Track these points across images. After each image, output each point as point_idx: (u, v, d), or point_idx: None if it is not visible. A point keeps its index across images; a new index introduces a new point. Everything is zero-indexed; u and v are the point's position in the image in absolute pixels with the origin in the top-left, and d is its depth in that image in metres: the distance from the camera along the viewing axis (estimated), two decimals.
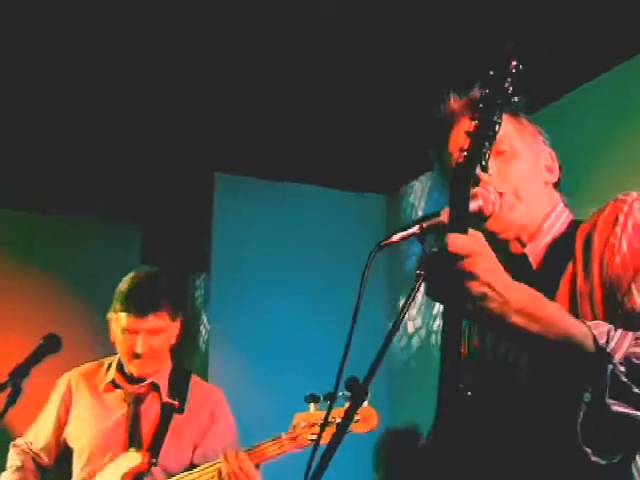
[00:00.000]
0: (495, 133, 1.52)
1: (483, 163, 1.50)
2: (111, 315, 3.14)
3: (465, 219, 1.44)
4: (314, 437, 2.79)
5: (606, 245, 1.65)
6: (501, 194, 1.71)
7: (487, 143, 1.51)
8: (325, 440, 1.57)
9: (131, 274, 3.15)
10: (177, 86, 4.22)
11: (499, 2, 3.38)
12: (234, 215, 5.29)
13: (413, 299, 1.54)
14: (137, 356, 3.07)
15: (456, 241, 1.38)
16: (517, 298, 1.41)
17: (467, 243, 1.38)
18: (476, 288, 1.37)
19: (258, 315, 5.13)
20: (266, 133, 4.72)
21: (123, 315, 3.05)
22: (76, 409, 3.22)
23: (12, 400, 2.80)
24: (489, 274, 1.38)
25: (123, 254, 5.65)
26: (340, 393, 2.58)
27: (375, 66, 3.97)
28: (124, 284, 3.12)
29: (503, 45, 1.55)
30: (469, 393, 1.44)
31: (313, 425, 2.83)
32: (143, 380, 3.18)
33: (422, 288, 1.54)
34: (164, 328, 3.09)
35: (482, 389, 1.66)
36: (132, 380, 3.18)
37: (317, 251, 5.34)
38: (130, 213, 5.84)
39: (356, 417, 2.68)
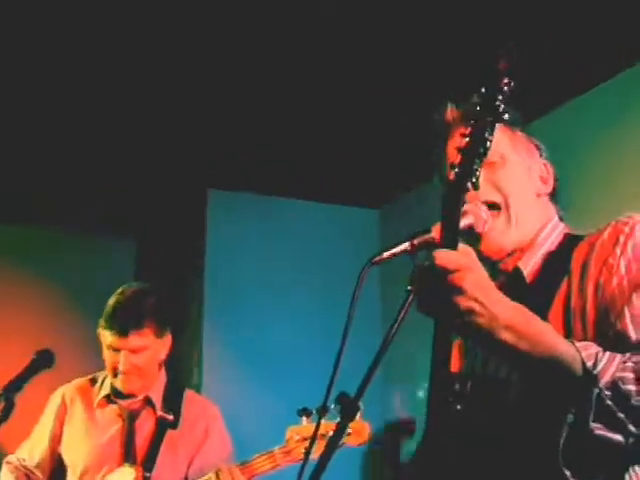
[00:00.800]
0: (486, 150, 1.53)
1: (474, 180, 1.51)
2: (99, 330, 3.14)
3: (455, 235, 1.45)
4: (307, 451, 2.79)
5: (604, 265, 1.64)
6: (494, 214, 1.73)
7: (478, 160, 1.52)
8: (316, 454, 1.58)
9: (118, 291, 3.15)
10: (171, 104, 4.23)
11: (495, 13, 3.40)
12: (227, 230, 5.30)
13: (404, 315, 1.55)
14: (120, 373, 3.07)
15: (443, 256, 1.38)
16: (506, 314, 1.40)
17: (455, 258, 1.38)
18: (464, 303, 1.37)
19: (251, 328, 5.14)
20: (258, 148, 4.73)
21: (107, 332, 3.05)
22: (70, 424, 3.21)
23: (5, 416, 2.80)
24: (477, 289, 1.38)
25: (117, 267, 5.66)
26: (332, 406, 2.60)
27: (367, 79, 3.98)
28: (110, 301, 3.12)
29: (495, 61, 1.56)
30: (458, 407, 1.45)
31: (306, 439, 2.83)
32: (136, 395, 3.18)
33: (412, 304, 1.56)
34: (147, 346, 3.08)
35: (471, 403, 1.67)
36: (125, 395, 3.18)
37: (310, 265, 5.35)
38: (125, 227, 5.85)
39: (348, 430, 2.68)
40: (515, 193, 1.79)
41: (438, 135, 1.91)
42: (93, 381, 3.28)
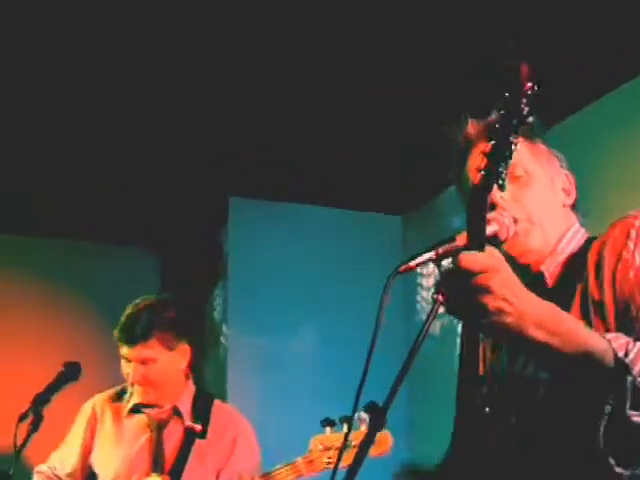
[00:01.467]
0: (511, 153, 1.53)
1: (500, 182, 1.51)
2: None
3: (482, 238, 1.46)
4: (330, 461, 2.80)
5: (618, 260, 1.66)
6: (516, 220, 1.74)
7: (503, 163, 1.52)
8: (343, 464, 1.58)
9: (134, 302, 3.20)
10: (191, 114, 4.26)
11: (508, 22, 3.40)
12: (249, 237, 5.31)
13: (431, 323, 1.55)
14: (133, 384, 3.13)
15: (468, 257, 1.39)
16: (535, 312, 1.41)
17: (480, 259, 1.39)
18: (492, 303, 1.37)
19: (274, 336, 5.15)
20: (279, 156, 4.75)
21: (120, 344, 3.12)
22: (101, 435, 3.23)
23: (35, 428, 2.84)
24: (505, 288, 1.38)
25: (142, 278, 5.70)
26: (356, 415, 2.60)
27: (392, 85, 3.98)
28: (125, 312, 3.18)
29: (517, 66, 1.56)
30: (487, 410, 1.45)
31: (329, 449, 2.82)
32: (159, 405, 3.20)
33: (440, 311, 1.56)
34: (155, 358, 3.11)
35: (500, 405, 1.67)
36: (154, 405, 3.20)
37: (333, 272, 5.35)
38: (148, 237, 5.89)
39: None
40: (540, 210, 1.81)
41: (459, 149, 1.92)
42: (122, 392, 3.30)
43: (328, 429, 2.82)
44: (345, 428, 2.59)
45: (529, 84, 1.55)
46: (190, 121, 4.37)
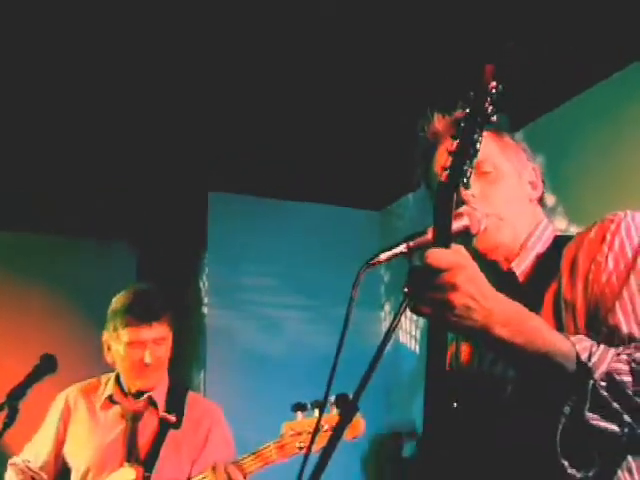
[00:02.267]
0: (476, 151, 1.55)
1: (465, 180, 1.53)
2: (109, 335, 3.15)
3: (448, 236, 1.48)
4: (302, 445, 2.80)
5: (592, 262, 1.67)
6: (487, 215, 1.74)
7: (468, 161, 1.54)
8: (316, 448, 1.59)
9: (124, 292, 3.18)
10: (170, 107, 4.26)
11: (488, 15, 3.42)
12: (227, 232, 5.32)
13: (401, 315, 1.57)
14: (146, 367, 3.09)
15: (435, 254, 1.40)
16: (500, 309, 1.43)
17: (447, 256, 1.40)
18: (458, 300, 1.39)
19: (252, 330, 5.17)
20: (258, 150, 4.75)
21: (125, 330, 3.07)
22: (74, 426, 3.23)
23: (10, 421, 2.82)
24: (471, 285, 1.40)
25: (118, 271, 5.69)
26: (328, 400, 2.60)
27: (367, 81, 4.00)
28: (119, 302, 3.14)
29: (483, 63, 1.58)
30: (455, 405, 1.47)
31: (300, 433, 2.82)
32: (141, 395, 3.19)
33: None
34: (166, 337, 3.15)
35: (467, 401, 1.68)
36: (130, 395, 3.20)
37: (311, 267, 5.37)
38: (125, 231, 5.88)
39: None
40: (509, 207, 1.82)
41: (426, 145, 1.93)
42: (98, 383, 3.30)
43: (299, 414, 2.82)
44: (316, 413, 2.60)
45: (493, 83, 1.57)
46: (170, 118, 4.37)
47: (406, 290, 1.48)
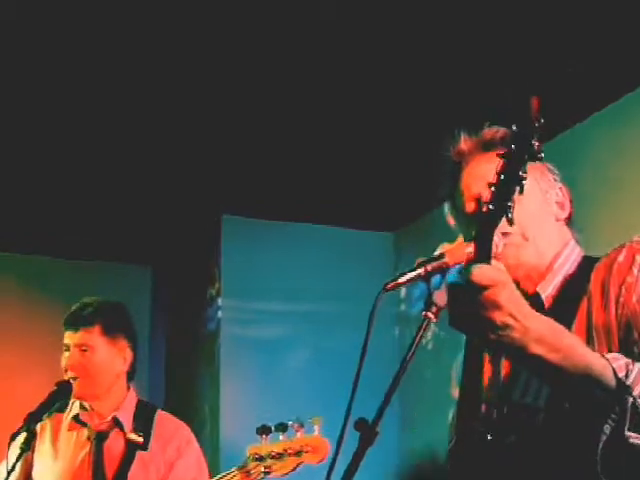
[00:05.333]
0: (522, 188, 1.49)
1: (510, 216, 1.48)
2: None
3: (488, 257, 1.46)
4: (267, 470, 2.72)
5: (622, 285, 1.66)
6: (505, 234, 1.72)
7: (511, 197, 1.49)
8: (277, 473, 1.56)
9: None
10: (183, 131, 4.28)
11: (500, 36, 3.43)
12: (242, 256, 5.32)
13: (420, 340, 1.57)
14: (65, 373, 3.10)
15: (480, 271, 1.40)
16: (537, 327, 1.43)
17: (490, 273, 1.40)
18: (499, 318, 1.39)
19: (267, 354, 5.16)
20: (271, 174, 4.76)
21: (65, 331, 3.19)
22: (40, 448, 3.19)
23: (27, 446, 2.83)
24: (511, 304, 1.40)
25: (134, 296, 5.68)
26: (290, 423, 2.59)
27: (381, 103, 4.00)
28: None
29: (528, 99, 1.52)
30: (489, 437, 1.46)
31: (264, 458, 2.73)
32: (106, 416, 3.17)
33: (429, 328, 1.58)
34: (95, 347, 3.14)
35: (499, 430, 1.67)
36: (95, 415, 3.17)
37: (326, 290, 5.35)
38: (140, 255, 5.90)
39: (306, 447, 2.65)
40: (533, 226, 1.81)
41: (451, 166, 1.92)
42: (63, 405, 3.24)
43: (263, 438, 2.74)
44: (281, 436, 2.58)
45: (539, 118, 1.51)
46: (183, 140, 4.38)
47: (426, 313, 1.48)
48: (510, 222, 1.50)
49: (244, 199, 5.11)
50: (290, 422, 2.58)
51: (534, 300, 1.78)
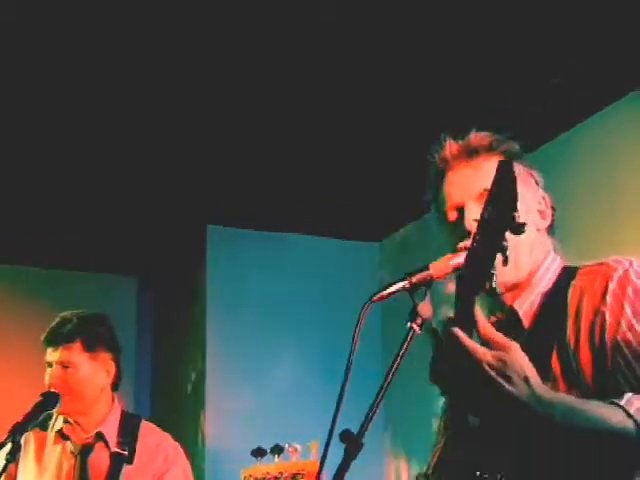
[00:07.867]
0: (505, 250, 1.47)
1: (492, 285, 1.46)
2: None
3: (473, 321, 1.45)
4: None
5: (596, 314, 1.64)
6: None
7: (492, 262, 1.47)
8: None
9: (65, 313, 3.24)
10: (169, 140, 4.28)
11: (485, 50, 3.46)
12: (227, 265, 5.33)
13: (405, 352, 1.58)
14: (49, 388, 3.05)
15: (490, 328, 1.41)
16: (547, 390, 1.43)
17: (498, 332, 1.41)
18: (506, 375, 1.39)
19: (253, 364, 5.16)
20: (257, 184, 4.77)
21: (45, 348, 3.15)
22: (25, 464, 3.16)
23: (12, 457, 2.81)
24: (518, 365, 1.40)
25: (119, 305, 5.68)
26: (286, 445, 2.56)
27: (366, 112, 4.02)
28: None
29: (508, 179, 1.49)
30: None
31: None
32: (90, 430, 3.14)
33: (412, 341, 1.58)
34: (76, 363, 3.11)
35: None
36: (79, 429, 3.14)
37: (311, 300, 5.36)
38: (126, 265, 5.89)
39: (302, 471, 2.61)
40: (513, 237, 1.75)
41: (436, 171, 1.90)
42: (47, 419, 3.21)
43: (258, 460, 2.67)
44: (276, 459, 2.56)
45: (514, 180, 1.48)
46: (168, 151, 4.39)
47: (411, 325, 1.49)
48: (505, 261, 1.47)
49: (229, 209, 5.12)
50: (286, 445, 2.56)
51: (511, 315, 1.77)
